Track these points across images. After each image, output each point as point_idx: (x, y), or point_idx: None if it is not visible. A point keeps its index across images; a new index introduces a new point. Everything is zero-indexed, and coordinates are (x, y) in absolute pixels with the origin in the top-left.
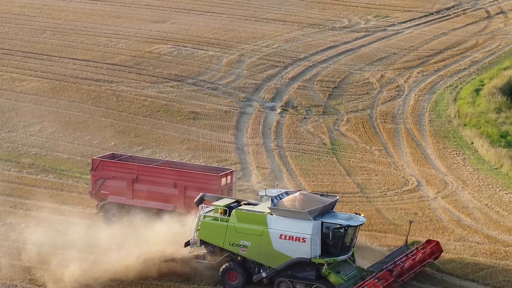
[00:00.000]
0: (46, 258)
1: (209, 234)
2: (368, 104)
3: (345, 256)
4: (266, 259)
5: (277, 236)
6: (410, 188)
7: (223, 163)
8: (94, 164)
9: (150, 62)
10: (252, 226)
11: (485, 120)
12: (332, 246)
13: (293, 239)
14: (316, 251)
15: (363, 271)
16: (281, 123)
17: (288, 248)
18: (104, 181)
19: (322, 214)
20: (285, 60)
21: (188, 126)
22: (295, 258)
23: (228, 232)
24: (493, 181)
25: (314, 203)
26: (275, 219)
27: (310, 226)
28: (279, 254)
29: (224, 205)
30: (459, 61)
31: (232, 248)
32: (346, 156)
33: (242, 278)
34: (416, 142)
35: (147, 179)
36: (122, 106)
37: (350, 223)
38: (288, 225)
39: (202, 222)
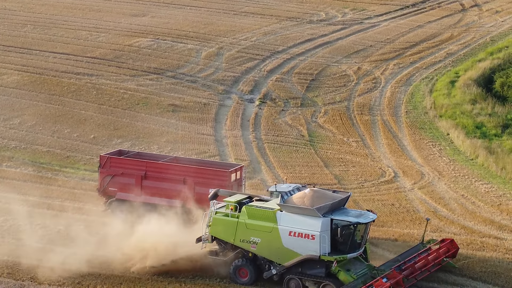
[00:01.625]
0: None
1: (220, 230)
2: (345, 96)
3: (355, 253)
4: (276, 256)
5: (286, 233)
6: (387, 179)
7: (202, 155)
8: (102, 161)
9: (129, 55)
10: (262, 222)
11: (461, 112)
12: (342, 243)
13: (302, 236)
14: (325, 248)
15: (374, 269)
16: (260, 115)
17: (298, 245)
18: (112, 178)
19: (332, 210)
20: (263, 53)
21: (167, 118)
22: (305, 255)
23: (238, 229)
24: (468, 172)
25: (323, 199)
26: (285, 215)
27: (319, 223)
28: (288, 251)
29: (235, 201)
30: (435, 53)
31: (243, 244)
32: (323, 148)
33: (252, 275)
34: (392, 133)
35: (156, 176)
36: (101, 99)
37: (360, 220)
38: (298, 222)
39: (213, 218)
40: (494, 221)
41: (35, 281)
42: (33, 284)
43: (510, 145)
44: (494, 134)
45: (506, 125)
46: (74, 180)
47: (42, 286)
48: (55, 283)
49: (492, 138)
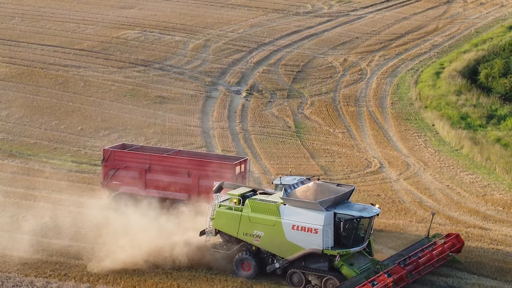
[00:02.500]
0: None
1: (224, 223)
2: (332, 87)
3: (358, 248)
4: (279, 249)
5: (289, 227)
6: (373, 170)
7: (189, 146)
8: (105, 155)
9: (117, 47)
10: (265, 216)
11: (446, 103)
12: (345, 237)
13: (305, 230)
14: (328, 242)
15: (377, 264)
16: (246, 107)
17: (301, 239)
18: (116, 171)
19: (336, 204)
20: (250, 44)
21: (155, 110)
22: (308, 250)
23: (242, 222)
24: (454, 163)
25: (327, 193)
26: (288, 209)
27: (322, 217)
28: (291, 245)
29: (239, 194)
30: (420, 45)
31: (246, 238)
32: (310, 139)
33: (255, 268)
34: (378, 124)
35: (160, 169)
36: (89, 91)
37: (363, 214)
38: (301, 215)
39: (216, 212)
40: (479, 212)
41: (22, 272)
42: (19, 275)
43: (494, 136)
44: (479, 125)
45: (491, 116)
46: (62, 171)
47: (28, 278)
48: (41, 274)
49: (477, 129)
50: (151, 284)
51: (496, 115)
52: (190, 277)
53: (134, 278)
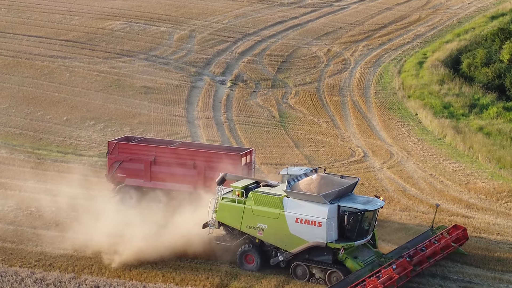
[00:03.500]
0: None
1: (227, 216)
2: (316, 77)
3: (363, 240)
4: (282, 242)
5: (293, 220)
6: (357, 159)
7: (174, 136)
8: (110, 147)
9: (103, 38)
10: (269, 209)
11: (429, 92)
12: (349, 230)
13: (309, 223)
14: (332, 235)
15: (382, 256)
16: (231, 97)
17: (304, 232)
18: (121, 164)
19: (340, 197)
20: (235, 35)
21: (140, 100)
22: (311, 243)
23: (245, 215)
24: (437, 151)
25: (330, 186)
26: (291, 202)
27: (326, 210)
28: (295, 238)
29: (242, 186)
30: (403, 35)
31: (249, 230)
32: (294, 128)
33: (259, 261)
34: (362, 113)
35: (166, 161)
36: (75, 82)
37: (367, 207)
38: (304, 208)
39: (219, 204)
40: (462, 200)
41: (6, 263)
42: (4, 266)
43: (477, 125)
44: (462, 114)
45: (473, 105)
46: (47, 162)
47: (12, 268)
48: (26, 264)
49: (459, 118)
50: (136, 274)
51: (478, 104)
52: (174, 267)
53: (118, 268)
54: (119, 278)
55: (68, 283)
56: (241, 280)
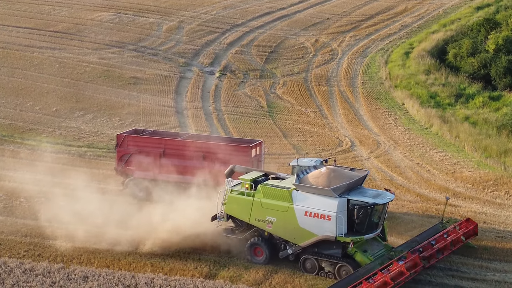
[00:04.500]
0: None
1: (236, 208)
2: (303, 67)
3: (372, 234)
4: (291, 235)
5: (302, 213)
6: (344, 148)
7: (162, 126)
8: (119, 140)
9: (92, 29)
10: (278, 202)
11: (415, 82)
12: (359, 224)
13: (318, 217)
14: (341, 229)
15: (392, 250)
16: (220, 87)
17: (314, 226)
18: (130, 156)
19: (349, 190)
20: (223, 26)
21: (129, 91)
22: (321, 236)
23: (254, 207)
24: (423, 141)
25: (340, 179)
26: (300, 195)
27: (335, 204)
28: (304, 231)
29: (251, 179)
30: (390, 26)
31: (258, 223)
32: (282, 118)
33: (268, 254)
34: (349, 103)
35: (175, 153)
36: (64, 73)
37: (377, 201)
38: (313, 202)
39: (228, 196)
40: (448, 189)
41: None
42: None
43: (463, 114)
44: (448, 103)
45: (459, 94)
46: (37, 152)
47: (1, 259)
48: (15, 255)
49: (446, 108)
50: (125, 264)
51: (464, 94)
52: (163, 257)
53: (107, 258)
54: (108, 268)
55: (57, 273)
56: (230, 269)
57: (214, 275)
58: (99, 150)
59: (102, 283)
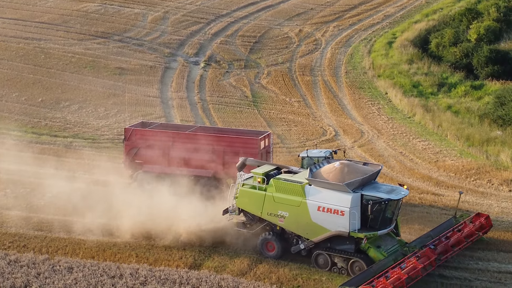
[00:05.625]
0: None
1: (247, 202)
2: (288, 57)
3: (386, 230)
4: (304, 230)
5: (315, 208)
6: (328, 137)
7: (148, 116)
8: (126, 134)
9: (77, 20)
10: (290, 196)
11: (398, 71)
12: (372, 220)
13: (332, 212)
14: (355, 225)
15: (405, 245)
16: (205, 77)
17: (326, 221)
18: (138, 150)
19: (363, 185)
20: (208, 16)
21: (114, 81)
22: (334, 232)
23: (266, 202)
24: (406, 130)
25: (353, 174)
26: (313, 190)
27: (348, 199)
28: (317, 226)
29: (263, 173)
30: (373, 15)
31: (270, 218)
32: (266, 108)
33: (280, 249)
34: (333, 93)
35: (184, 146)
36: (49, 63)
37: (391, 197)
38: (327, 197)
39: (240, 190)
40: (431, 178)
41: None
42: None
43: (445, 103)
44: (430, 92)
45: (442, 84)
46: (22, 143)
47: None
48: (0, 246)
49: (428, 97)
50: (110, 254)
51: (446, 83)
52: (148, 247)
53: (92, 249)
54: (93, 259)
55: (42, 265)
56: (214, 260)
57: (199, 265)
58: (85, 140)
59: (87, 274)
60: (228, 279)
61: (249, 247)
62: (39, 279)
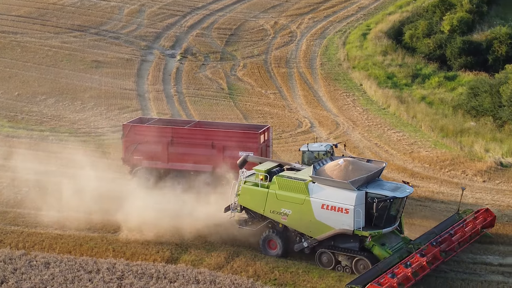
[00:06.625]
0: None
1: (250, 200)
2: (263, 49)
3: (390, 228)
4: (307, 228)
5: (319, 206)
6: (304, 129)
7: (124, 109)
8: (125, 130)
9: (54, 13)
10: (293, 194)
11: (372, 63)
12: (377, 217)
13: (336, 210)
14: (359, 223)
15: (410, 243)
16: (181, 70)
17: (330, 219)
18: (137, 146)
19: (367, 183)
20: (184, 9)
21: (91, 74)
22: (338, 230)
23: (268, 199)
24: (381, 121)
25: (358, 171)
26: (317, 187)
27: (353, 197)
28: (321, 224)
29: (265, 170)
30: (347, 7)
31: (273, 215)
32: (243, 100)
33: (282, 247)
34: (308, 85)
35: (183, 142)
36: (26, 57)
37: (396, 195)
38: (331, 194)
39: (242, 188)
40: (406, 169)
41: None
42: None
43: (419, 94)
44: (405, 84)
45: (416, 75)
46: None
47: None
48: None
49: (402, 88)
50: (87, 249)
51: (420, 74)
52: (125, 241)
53: (69, 243)
54: (69, 253)
55: (18, 260)
56: (191, 253)
57: (176, 259)
58: (61, 134)
59: (64, 269)
60: (205, 273)
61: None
62: (15, 275)
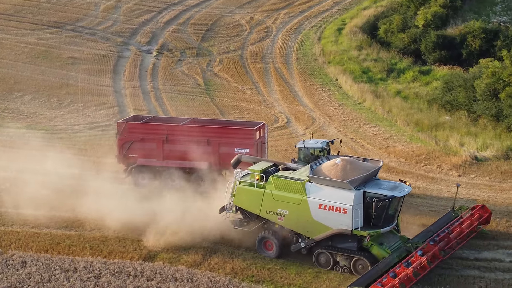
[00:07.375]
0: None
1: (245, 200)
2: (239, 45)
3: (389, 227)
4: (304, 229)
5: (316, 206)
6: (281, 124)
7: (101, 106)
8: (119, 128)
9: (30, 9)
10: (290, 194)
11: (348, 58)
12: (375, 217)
13: (333, 210)
14: (357, 222)
15: (408, 242)
16: (157, 66)
17: (328, 219)
18: (132, 144)
19: (365, 182)
20: (160, 5)
21: (67, 71)
22: (336, 230)
23: (265, 200)
24: (357, 116)
25: (356, 171)
26: (314, 187)
27: (351, 197)
28: (318, 224)
29: (261, 170)
30: (322, 2)
31: (269, 216)
32: (219, 96)
33: (279, 247)
34: (284, 80)
35: (179, 139)
36: (2, 54)
37: (395, 194)
38: (328, 194)
39: (237, 188)
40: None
41: None
42: None
43: (395, 89)
44: (380, 78)
45: (391, 69)
46: None
47: None
48: None
49: (378, 83)
50: (64, 247)
51: (395, 69)
52: (102, 239)
53: (46, 242)
54: (46, 252)
55: None
56: (169, 251)
57: (153, 257)
58: (38, 131)
59: (40, 268)
60: (183, 270)
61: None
62: None
